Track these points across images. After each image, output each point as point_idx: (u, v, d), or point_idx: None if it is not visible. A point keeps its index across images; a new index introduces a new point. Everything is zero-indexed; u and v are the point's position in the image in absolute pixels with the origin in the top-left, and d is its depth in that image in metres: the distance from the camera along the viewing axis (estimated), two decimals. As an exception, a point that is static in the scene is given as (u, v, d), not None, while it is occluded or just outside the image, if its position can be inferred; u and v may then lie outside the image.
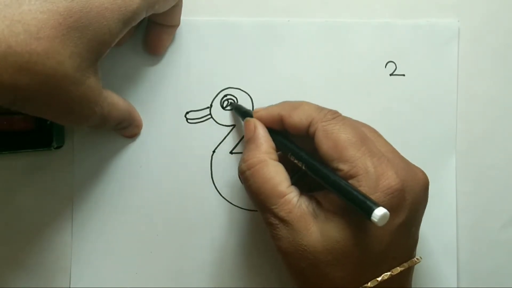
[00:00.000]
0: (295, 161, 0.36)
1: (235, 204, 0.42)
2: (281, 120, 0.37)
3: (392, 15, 0.43)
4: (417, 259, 0.35)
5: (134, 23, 0.33)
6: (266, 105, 0.39)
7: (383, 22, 0.42)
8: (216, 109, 0.42)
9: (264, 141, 0.37)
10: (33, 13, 0.28)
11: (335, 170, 0.34)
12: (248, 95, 0.42)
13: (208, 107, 0.42)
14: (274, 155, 0.37)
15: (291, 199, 0.34)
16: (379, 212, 0.29)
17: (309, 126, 0.36)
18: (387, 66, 0.43)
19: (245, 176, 0.36)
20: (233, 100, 0.42)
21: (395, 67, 0.43)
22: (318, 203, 0.34)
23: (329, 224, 0.33)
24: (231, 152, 0.42)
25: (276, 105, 0.39)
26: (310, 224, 0.33)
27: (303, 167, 0.35)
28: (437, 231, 0.43)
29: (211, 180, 0.42)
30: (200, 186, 0.42)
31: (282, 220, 0.34)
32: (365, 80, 0.42)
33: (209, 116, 0.42)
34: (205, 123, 0.42)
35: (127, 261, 0.41)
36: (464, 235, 0.43)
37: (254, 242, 0.42)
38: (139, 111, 0.41)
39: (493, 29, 0.43)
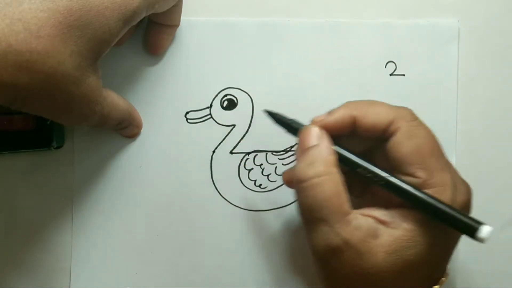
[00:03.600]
0: (368, 175, 0.33)
1: (235, 204, 0.42)
2: (352, 123, 0.34)
3: (392, 15, 0.43)
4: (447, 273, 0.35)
5: (134, 22, 0.33)
6: (266, 105, 0.39)
7: (383, 22, 0.42)
8: (216, 109, 0.42)
9: (332, 152, 0.33)
10: (34, 11, 0.28)
11: (409, 175, 0.33)
12: (248, 95, 0.42)
13: (208, 107, 0.42)
14: (339, 169, 0.33)
15: (353, 220, 0.32)
16: (487, 230, 0.29)
17: (388, 125, 0.33)
18: (387, 66, 0.43)
19: (309, 185, 0.32)
20: (271, 113, 0.37)
21: (395, 67, 0.43)
22: (377, 221, 0.32)
23: (394, 242, 0.31)
24: (231, 152, 0.42)
25: (340, 108, 0.35)
26: (373, 245, 0.31)
27: (381, 184, 0.33)
28: (437, 231, 0.43)
29: (211, 180, 0.42)
30: (200, 186, 0.42)
31: (346, 241, 0.31)
32: (365, 80, 0.42)
33: (209, 116, 0.42)
34: (205, 123, 0.42)
35: (127, 261, 0.41)
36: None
37: (254, 242, 0.42)
38: (139, 111, 0.41)
39: (493, 29, 0.43)
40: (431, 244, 0.32)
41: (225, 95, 0.42)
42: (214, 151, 0.42)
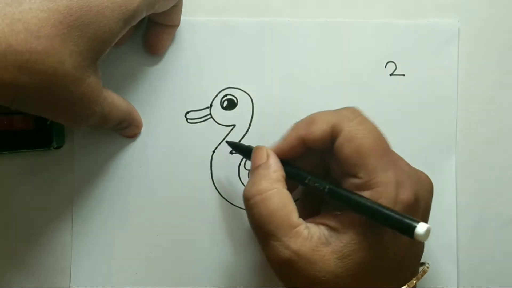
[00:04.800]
0: (315, 185, 0.34)
1: (235, 204, 0.42)
2: (302, 143, 0.35)
3: (392, 15, 0.43)
4: (427, 267, 0.35)
5: (134, 22, 0.33)
6: (266, 105, 0.39)
7: (383, 22, 0.42)
8: (216, 109, 0.42)
9: (277, 168, 0.35)
10: (34, 11, 0.28)
11: (353, 177, 0.33)
12: (248, 95, 0.42)
13: (208, 107, 0.42)
14: (285, 184, 0.35)
15: (303, 231, 0.32)
16: (422, 228, 0.29)
17: (331, 133, 0.34)
18: (387, 66, 0.43)
19: (254, 202, 0.33)
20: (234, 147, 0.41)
21: (395, 67, 0.43)
22: (328, 228, 0.33)
23: (345, 247, 0.32)
24: (231, 152, 0.42)
25: (288, 133, 0.36)
26: (325, 253, 0.32)
27: (325, 191, 0.33)
28: (437, 231, 0.42)
29: (211, 180, 0.42)
30: (200, 186, 0.42)
31: (296, 253, 0.32)
32: (365, 80, 0.42)
33: (209, 116, 0.42)
34: (205, 123, 0.42)
35: (127, 261, 0.41)
36: (464, 235, 0.43)
37: (254, 242, 0.42)
38: (139, 111, 0.41)
39: (493, 29, 0.43)
40: (381, 245, 0.32)
41: (225, 95, 0.42)
42: (214, 151, 0.42)
